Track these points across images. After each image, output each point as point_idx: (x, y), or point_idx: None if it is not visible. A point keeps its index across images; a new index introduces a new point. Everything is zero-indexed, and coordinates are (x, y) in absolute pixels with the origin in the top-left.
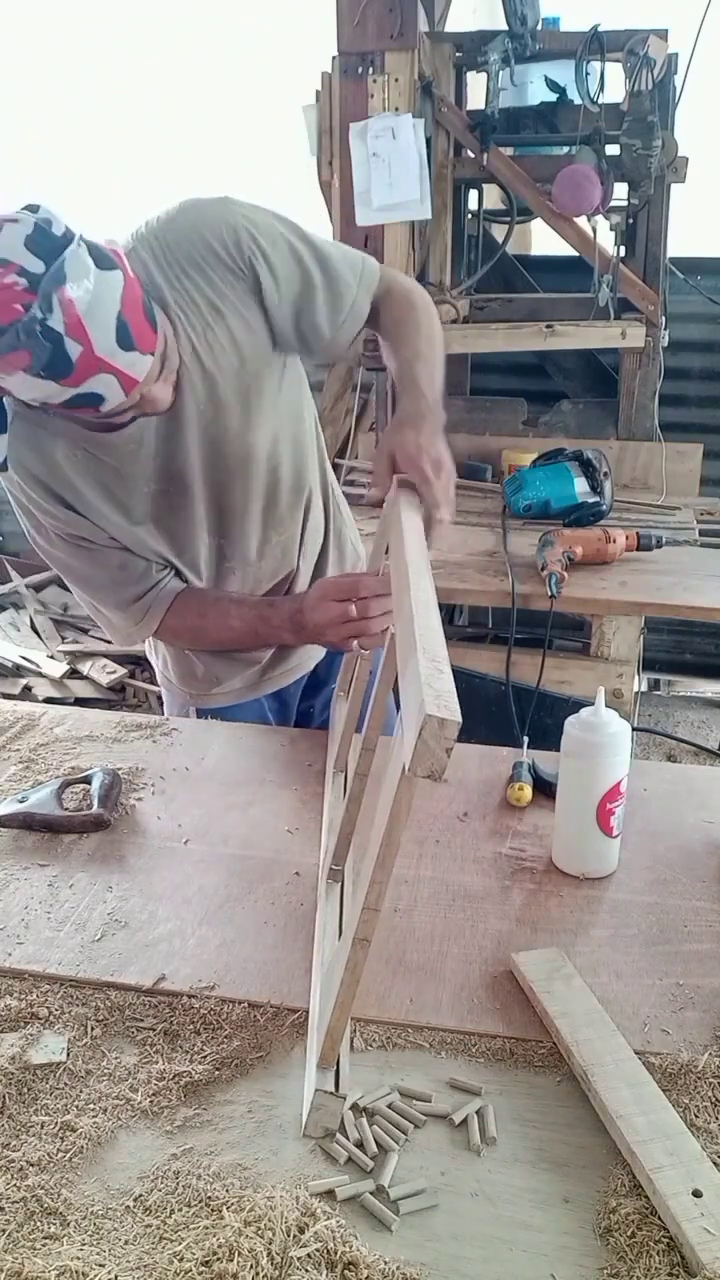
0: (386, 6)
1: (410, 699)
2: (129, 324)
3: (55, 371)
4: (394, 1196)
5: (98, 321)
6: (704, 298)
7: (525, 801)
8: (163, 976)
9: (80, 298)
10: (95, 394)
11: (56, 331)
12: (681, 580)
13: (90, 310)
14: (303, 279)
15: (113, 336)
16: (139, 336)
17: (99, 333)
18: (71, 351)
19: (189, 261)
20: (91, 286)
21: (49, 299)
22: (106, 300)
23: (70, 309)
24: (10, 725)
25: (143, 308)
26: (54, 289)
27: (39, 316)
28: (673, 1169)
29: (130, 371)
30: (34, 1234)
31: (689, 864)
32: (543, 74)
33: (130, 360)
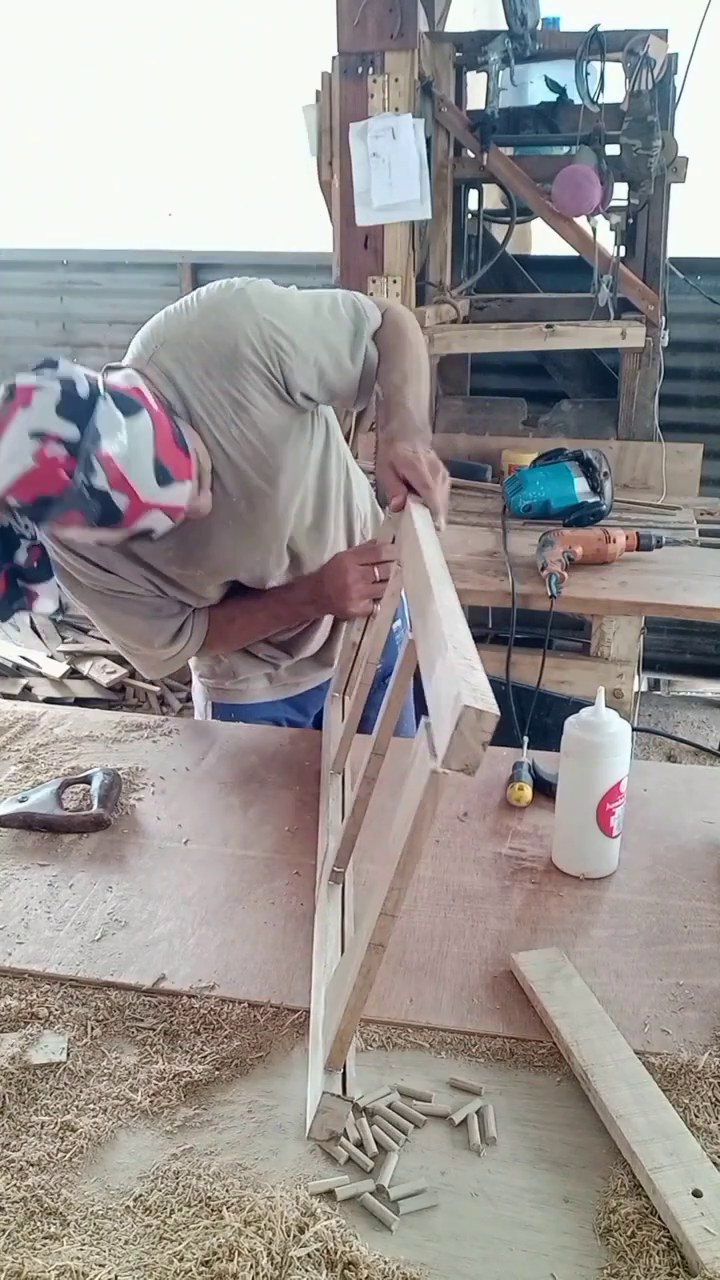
0: (386, 6)
1: (444, 693)
2: (164, 462)
3: (108, 522)
4: (394, 1196)
5: (137, 470)
6: (704, 298)
7: (525, 801)
8: (163, 976)
9: (117, 453)
10: (147, 529)
11: (103, 490)
12: (681, 580)
13: (128, 462)
14: (327, 361)
15: (153, 479)
16: (175, 469)
17: (140, 479)
18: (119, 503)
19: (213, 365)
20: (125, 440)
21: (89, 461)
22: (140, 449)
23: (110, 466)
24: (10, 725)
25: (173, 440)
26: (92, 450)
27: (84, 480)
28: (673, 1169)
29: (174, 503)
30: (34, 1234)
31: (689, 864)
32: (543, 74)
33: (172, 494)
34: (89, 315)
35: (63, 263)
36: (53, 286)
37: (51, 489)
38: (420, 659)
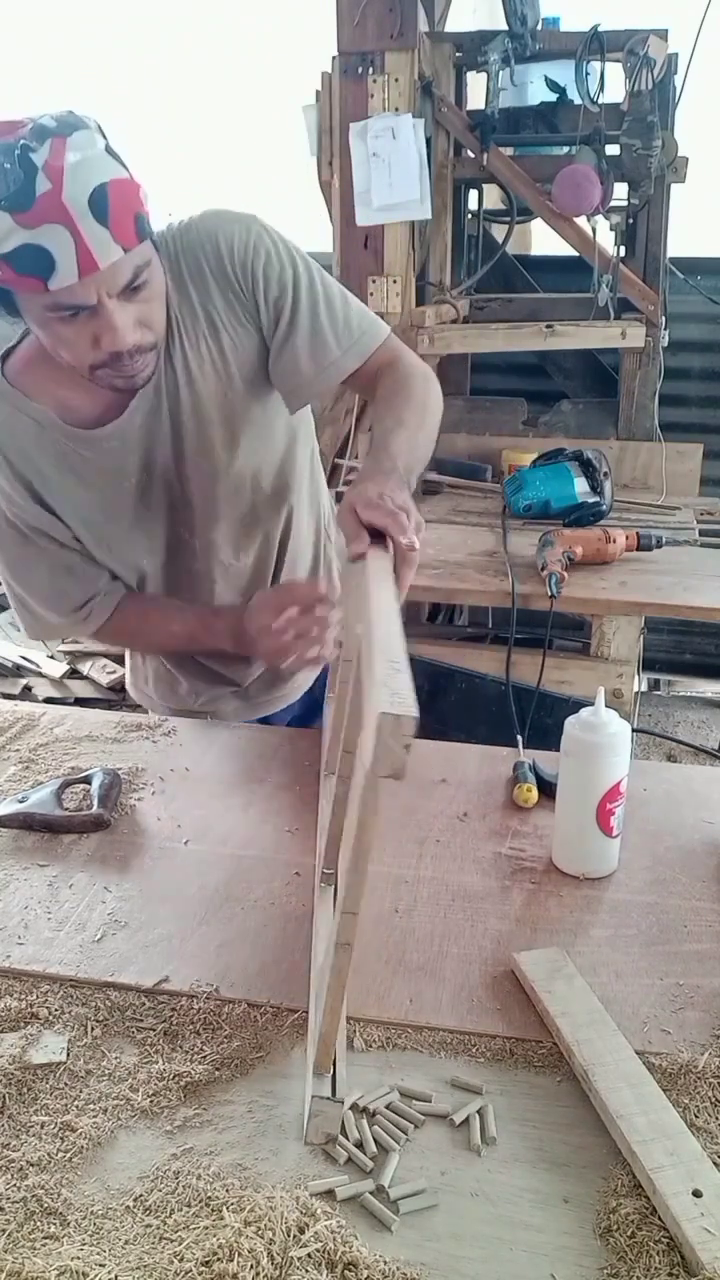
0: (386, 6)
1: (369, 700)
2: (110, 203)
3: (14, 203)
4: (394, 1196)
5: (78, 176)
6: (704, 298)
7: (532, 802)
8: (165, 978)
9: (73, 153)
10: (46, 251)
11: (33, 164)
12: (681, 580)
13: (76, 164)
14: (301, 316)
15: (86, 196)
16: (117, 222)
17: (74, 184)
18: (39, 187)
19: (197, 270)
20: (89, 154)
21: (43, 138)
22: (97, 169)
23: (58, 152)
24: (10, 725)
25: (134, 214)
26: (52, 135)
27: (24, 143)
28: (673, 1169)
29: (92, 246)
30: (34, 1234)
31: (689, 864)
32: (543, 74)
33: (97, 235)
34: None
35: None
36: None
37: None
38: (362, 663)
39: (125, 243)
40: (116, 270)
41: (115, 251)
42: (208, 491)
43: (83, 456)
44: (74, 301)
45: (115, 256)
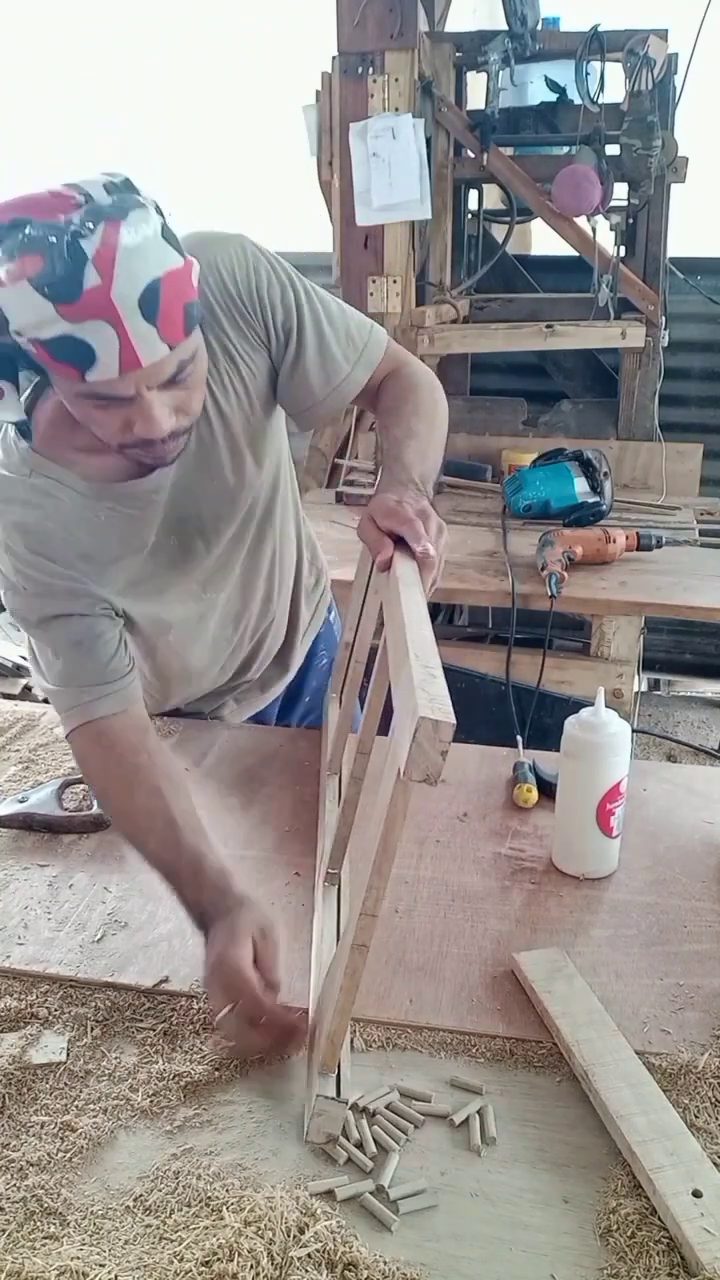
0: (386, 6)
1: (404, 703)
2: (161, 298)
3: (59, 293)
4: (394, 1196)
5: (130, 270)
6: (704, 298)
7: (532, 802)
8: (165, 978)
9: (127, 241)
10: (87, 345)
11: (84, 253)
12: (681, 580)
13: (129, 256)
14: (307, 336)
15: (137, 294)
16: (165, 318)
17: (125, 280)
18: (87, 280)
19: (204, 305)
20: (143, 241)
21: (95, 223)
22: (151, 261)
23: (109, 240)
24: (10, 725)
25: (184, 305)
26: (104, 219)
27: (75, 229)
28: (673, 1169)
29: (137, 344)
30: (34, 1234)
31: (688, 864)
32: (543, 74)
33: (143, 333)
34: None
35: None
36: None
37: (38, 214)
38: (390, 664)
39: (171, 339)
40: (159, 367)
41: (161, 350)
42: (229, 528)
43: (122, 513)
44: (111, 393)
45: (160, 355)
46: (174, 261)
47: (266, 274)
